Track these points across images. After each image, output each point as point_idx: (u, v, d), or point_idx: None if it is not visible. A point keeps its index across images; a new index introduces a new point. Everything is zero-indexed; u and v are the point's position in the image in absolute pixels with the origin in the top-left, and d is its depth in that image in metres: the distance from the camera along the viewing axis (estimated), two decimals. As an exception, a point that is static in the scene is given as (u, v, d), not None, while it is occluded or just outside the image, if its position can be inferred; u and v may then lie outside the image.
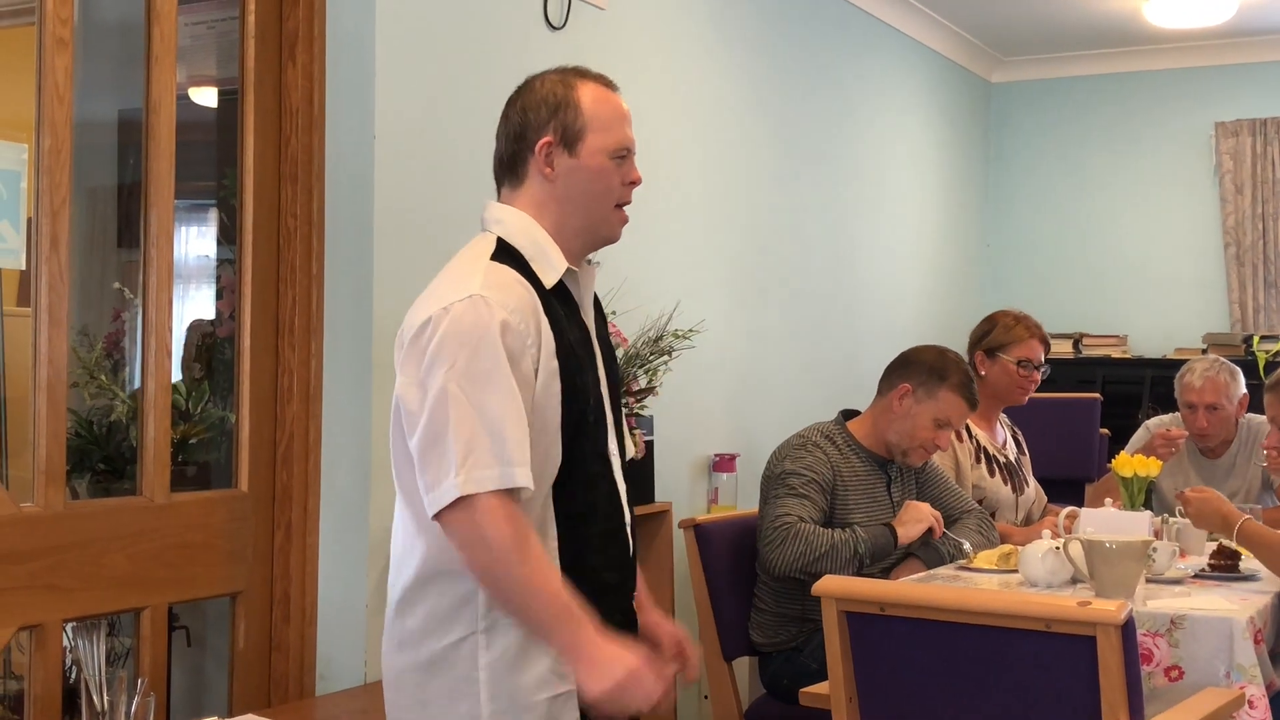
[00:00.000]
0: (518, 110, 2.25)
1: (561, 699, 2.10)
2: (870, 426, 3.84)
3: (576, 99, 2.21)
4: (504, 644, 2.09)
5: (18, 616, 2.82)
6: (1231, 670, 2.93)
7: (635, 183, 2.26)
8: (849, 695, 2.56)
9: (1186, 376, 4.70)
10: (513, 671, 2.09)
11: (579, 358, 2.17)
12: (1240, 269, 7.14)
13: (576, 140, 2.20)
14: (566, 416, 2.12)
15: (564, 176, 2.20)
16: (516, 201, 2.24)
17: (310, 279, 3.40)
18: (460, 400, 2.01)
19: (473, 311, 2.05)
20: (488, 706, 2.08)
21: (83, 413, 3.45)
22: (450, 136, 3.66)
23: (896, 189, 6.65)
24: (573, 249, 2.23)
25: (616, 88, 2.29)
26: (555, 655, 2.08)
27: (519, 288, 2.11)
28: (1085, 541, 3.14)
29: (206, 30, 3.76)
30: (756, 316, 5.35)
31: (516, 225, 2.20)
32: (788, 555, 3.56)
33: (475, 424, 2.00)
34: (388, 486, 3.42)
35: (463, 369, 2.02)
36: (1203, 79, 7.31)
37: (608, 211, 2.24)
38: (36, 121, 2.87)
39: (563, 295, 2.20)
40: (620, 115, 2.25)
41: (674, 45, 4.78)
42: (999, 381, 4.39)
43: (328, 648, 3.42)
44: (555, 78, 2.25)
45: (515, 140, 2.24)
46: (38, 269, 2.85)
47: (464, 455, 1.99)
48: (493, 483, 1.99)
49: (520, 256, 2.16)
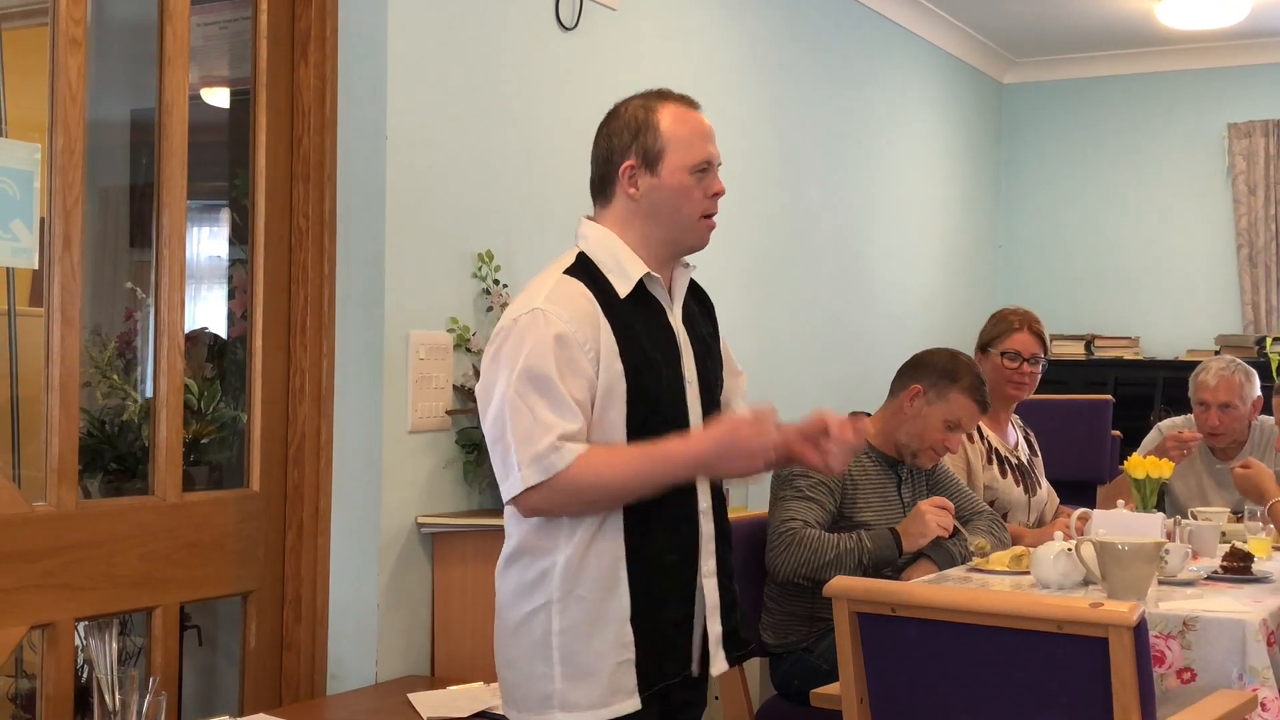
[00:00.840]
0: (604, 136, 2.44)
1: (624, 665, 2.33)
2: (881, 427, 3.83)
3: (656, 121, 2.40)
4: (575, 614, 2.32)
5: (30, 615, 2.83)
6: (1244, 672, 2.92)
7: (719, 194, 2.45)
8: (860, 696, 2.56)
9: (1201, 375, 4.69)
10: (582, 639, 2.32)
11: (653, 360, 2.36)
12: (1253, 270, 7.12)
13: (657, 160, 2.38)
14: (632, 416, 2.33)
15: (647, 194, 2.40)
16: (604, 219, 2.44)
17: (322, 279, 3.41)
18: (516, 403, 2.25)
19: (533, 325, 2.28)
20: (559, 668, 2.32)
21: (95, 412, 3.45)
22: (462, 136, 3.66)
23: (908, 190, 6.64)
24: (661, 258, 2.43)
25: (698, 106, 2.47)
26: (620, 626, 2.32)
27: (580, 300, 2.32)
28: (1097, 543, 3.13)
29: (219, 30, 3.77)
30: (768, 317, 5.35)
31: (597, 240, 2.41)
32: (792, 561, 3.56)
33: (530, 423, 2.24)
34: (399, 485, 3.43)
35: (519, 374, 2.26)
36: (1215, 80, 7.29)
37: (691, 223, 2.44)
38: (49, 121, 2.87)
39: (643, 300, 2.39)
40: (700, 132, 2.43)
41: (685, 46, 4.78)
42: (991, 377, 4.36)
43: (339, 647, 3.42)
44: (638, 102, 2.44)
45: (603, 164, 2.44)
46: (50, 268, 2.85)
47: (523, 451, 2.25)
48: (553, 468, 2.23)
49: (596, 270, 2.37)
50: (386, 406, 3.41)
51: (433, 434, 3.54)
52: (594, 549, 2.32)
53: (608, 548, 2.32)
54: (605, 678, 2.32)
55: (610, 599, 2.32)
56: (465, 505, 3.64)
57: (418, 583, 3.51)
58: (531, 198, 3.89)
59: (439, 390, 3.54)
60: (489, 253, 3.70)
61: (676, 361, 2.42)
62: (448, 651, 3.51)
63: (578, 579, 2.32)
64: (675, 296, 2.48)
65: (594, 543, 2.32)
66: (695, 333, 2.50)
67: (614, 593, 2.32)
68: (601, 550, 2.32)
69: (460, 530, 3.48)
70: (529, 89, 3.93)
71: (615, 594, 2.32)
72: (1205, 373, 4.68)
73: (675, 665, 2.40)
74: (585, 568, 2.32)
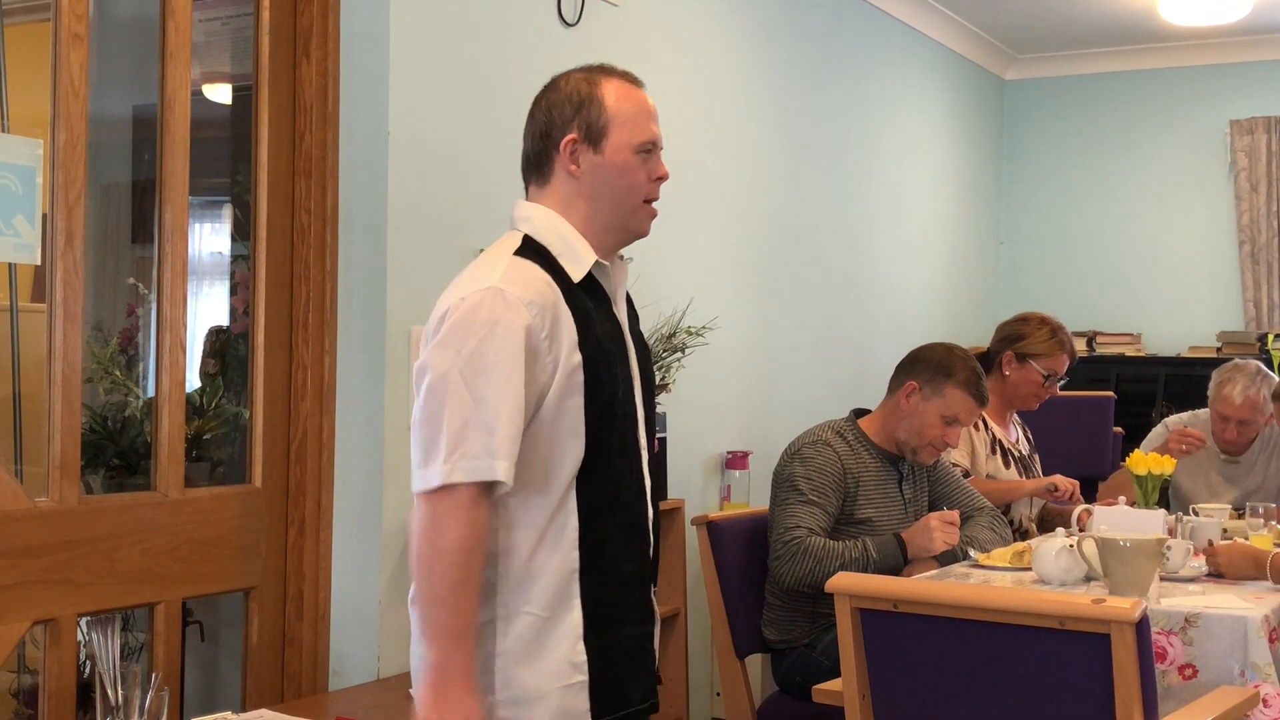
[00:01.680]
0: (543, 109, 2.27)
1: (575, 688, 2.13)
2: (880, 424, 3.84)
3: (600, 96, 2.23)
4: (518, 632, 2.12)
5: (32, 611, 2.83)
6: (1246, 669, 2.93)
7: (662, 178, 2.27)
8: (862, 692, 2.56)
9: (1227, 388, 4.63)
10: (526, 660, 2.12)
11: (607, 351, 2.19)
12: (1255, 267, 7.12)
13: (601, 137, 2.21)
14: (590, 408, 2.14)
15: (590, 173, 2.22)
16: (544, 199, 2.25)
17: (324, 275, 3.41)
18: (459, 387, 2.04)
19: (487, 302, 2.08)
20: (499, 694, 2.12)
21: (97, 408, 3.46)
22: (464, 132, 3.66)
23: (910, 186, 6.64)
24: (603, 244, 2.24)
25: (642, 84, 2.30)
26: (571, 645, 2.12)
27: (539, 282, 2.13)
28: (1099, 539, 3.13)
29: (221, 26, 3.77)
30: (770, 313, 5.35)
31: (544, 222, 2.22)
32: (797, 571, 3.57)
33: (470, 413, 2.03)
34: (401, 482, 3.43)
35: (467, 357, 2.05)
36: (1218, 76, 7.29)
37: (635, 206, 2.25)
38: (52, 117, 2.87)
39: (592, 289, 2.22)
40: (645, 111, 2.26)
41: (687, 42, 4.78)
42: (1020, 386, 4.39)
43: (341, 643, 3.42)
44: (579, 76, 2.27)
45: (541, 139, 2.26)
46: (53, 264, 2.85)
47: (454, 443, 2.03)
48: (473, 474, 2.02)
49: (547, 253, 2.19)
50: (388, 402, 3.41)
51: (435, 430, 3.53)
52: (543, 558, 2.12)
53: (559, 558, 2.13)
54: (553, 703, 2.12)
55: (560, 615, 2.12)
56: (467, 501, 3.63)
57: (420, 579, 3.50)
58: (533, 194, 3.89)
59: (441, 386, 3.53)
60: (491, 249, 3.70)
61: (625, 356, 2.25)
62: (450, 647, 3.51)
63: (524, 592, 2.12)
64: (618, 289, 2.29)
65: (544, 550, 2.12)
66: (634, 330, 2.33)
67: (565, 608, 2.12)
68: (552, 560, 2.12)
69: (462, 526, 3.47)
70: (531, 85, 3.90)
71: (566, 609, 2.12)
72: (1231, 386, 4.62)
73: (639, 691, 2.23)
74: (533, 578, 2.12)
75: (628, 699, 2.21)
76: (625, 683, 2.21)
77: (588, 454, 2.15)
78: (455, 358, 2.05)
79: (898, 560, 3.60)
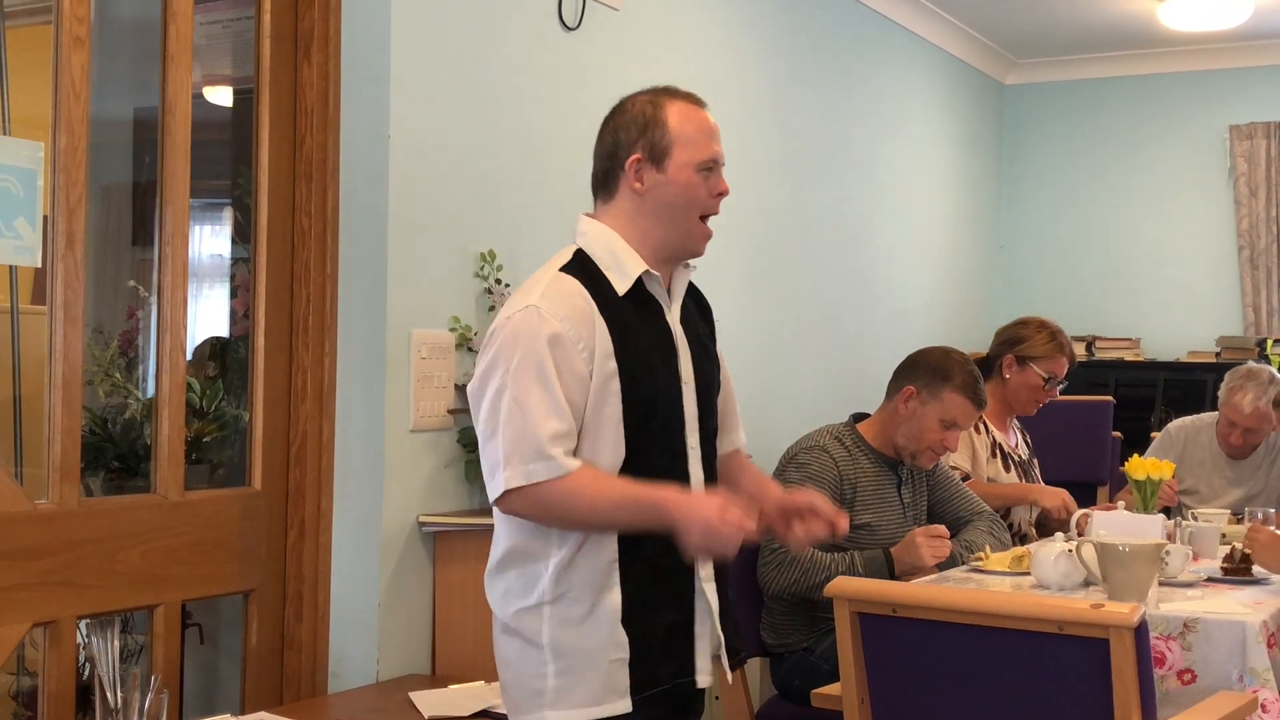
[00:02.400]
0: (610, 130, 2.42)
1: (618, 664, 2.30)
2: (879, 429, 3.84)
3: (664, 118, 2.37)
4: (566, 612, 2.30)
5: (32, 613, 2.83)
6: (1244, 674, 2.92)
7: (723, 194, 2.43)
8: (861, 697, 2.56)
9: (1238, 395, 4.65)
10: (574, 634, 2.30)
11: (648, 359, 2.33)
12: (1254, 272, 7.12)
13: (664, 156, 2.36)
14: (629, 414, 2.30)
15: (653, 191, 2.37)
16: (605, 215, 2.41)
17: (324, 278, 3.41)
18: (510, 402, 2.24)
19: (526, 322, 2.26)
20: (552, 664, 2.30)
21: (97, 410, 3.46)
22: (464, 135, 3.67)
23: (910, 191, 6.64)
24: (658, 258, 2.40)
25: (704, 104, 2.44)
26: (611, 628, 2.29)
27: (575, 298, 2.29)
28: (1098, 544, 3.13)
29: (222, 29, 3.78)
30: (770, 317, 5.35)
31: (596, 237, 2.38)
32: (783, 580, 3.58)
33: (521, 424, 2.22)
34: (401, 484, 3.44)
35: (513, 373, 2.24)
36: (1217, 82, 7.29)
37: (692, 224, 2.41)
38: (53, 119, 2.88)
39: (640, 299, 2.37)
40: (706, 130, 2.41)
41: (688, 46, 4.78)
42: (1020, 390, 4.39)
43: (340, 645, 3.43)
44: (645, 98, 2.41)
45: (607, 158, 2.41)
46: (53, 266, 2.86)
47: (510, 452, 2.23)
48: (531, 477, 2.21)
49: (593, 266, 2.35)
50: (388, 405, 3.41)
51: (434, 433, 3.54)
52: (586, 551, 2.29)
53: (601, 550, 2.30)
54: (601, 674, 2.29)
55: (602, 600, 2.30)
56: (467, 504, 3.64)
57: (419, 581, 3.51)
58: (534, 197, 3.90)
59: (441, 389, 3.54)
60: (491, 252, 3.70)
61: (673, 361, 2.39)
62: (449, 650, 3.52)
63: (569, 580, 2.29)
64: (674, 296, 2.45)
65: (586, 545, 2.29)
66: (693, 333, 2.47)
67: (606, 594, 2.30)
68: (594, 553, 2.29)
69: (462, 529, 3.48)
70: (532, 89, 3.93)
71: (607, 596, 2.30)
72: (1242, 395, 4.64)
73: (669, 672, 2.36)
74: (577, 569, 2.29)
75: (657, 679, 2.34)
76: (658, 665, 2.34)
77: (629, 454, 2.31)
78: (504, 376, 2.25)
79: (884, 575, 3.59)
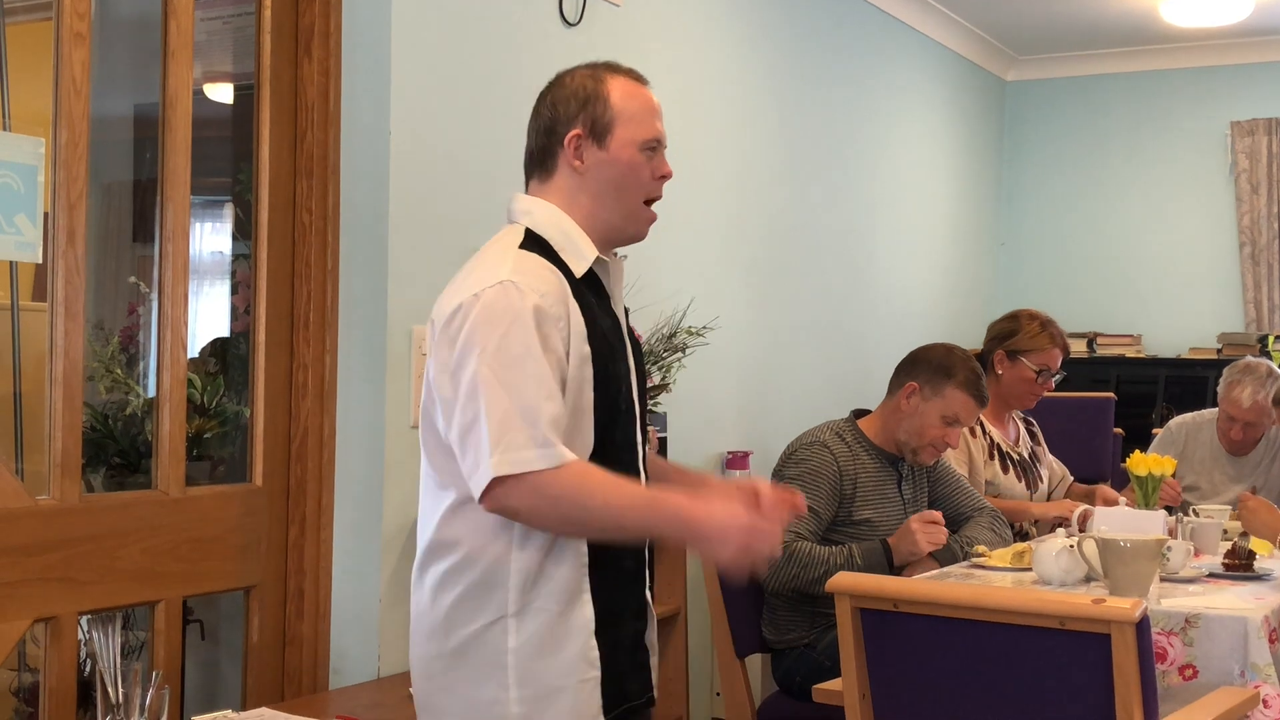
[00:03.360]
0: (548, 105, 2.27)
1: (589, 684, 2.13)
2: (880, 425, 3.84)
3: (606, 92, 2.23)
4: (534, 627, 2.10)
5: (33, 609, 2.83)
6: (1246, 669, 2.93)
7: (665, 176, 2.27)
8: (862, 692, 2.56)
9: (1236, 390, 4.65)
10: (541, 655, 2.10)
11: (611, 346, 2.19)
12: (1255, 268, 7.12)
13: (605, 133, 2.22)
14: (600, 402, 2.14)
15: (593, 169, 2.22)
16: (545, 194, 2.25)
17: (325, 274, 3.41)
18: (492, 384, 2.03)
19: (504, 296, 2.07)
20: (515, 691, 2.10)
21: (98, 406, 3.45)
22: (465, 131, 3.66)
23: (911, 187, 6.64)
24: (603, 241, 2.24)
25: (647, 82, 2.30)
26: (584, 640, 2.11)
27: (548, 273, 2.13)
28: (1099, 540, 3.13)
29: (222, 25, 3.77)
30: (770, 314, 5.35)
31: (545, 216, 2.22)
32: (781, 576, 3.58)
33: (508, 407, 2.02)
34: (401, 481, 3.43)
35: (494, 353, 2.04)
36: (1218, 78, 7.29)
37: (636, 206, 2.25)
38: (53, 115, 2.87)
39: (594, 285, 2.22)
40: (650, 108, 2.26)
41: (689, 42, 4.78)
42: (1013, 385, 4.38)
43: (341, 642, 3.42)
44: (585, 72, 2.27)
45: (545, 134, 2.26)
46: (54, 263, 2.86)
47: (497, 438, 2.01)
48: (519, 465, 2.00)
49: (549, 246, 2.18)
50: (389, 402, 3.41)
51: (435, 429, 3.54)
52: (554, 554, 2.11)
53: (569, 553, 2.11)
54: (570, 697, 2.10)
55: (573, 610, 2.11)
56: (468, 501, 3.64)
57: (420, 578, 3.50)
58: (534, 193, 3.89)
59: (442, 386, 3.53)
60: (492, 248, 3.70)
61: (625, 353, 2.24)
62: (450, 647, 3.51)
63: (536, 589, 2.10)
64: (614, 286, 2.28)
65: (554, 546, 2.11)
66: (628, 327, 2.33)
67: (577, 603, 2.11)
68: (563, 555, 2.11)
69: (463, 525, 3.47)
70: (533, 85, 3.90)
71: (578, 604, 2.12)
72: (1241, 389, 4.63)
73: (637, 686, 2.24)
74: (545, 576, 2.10)
75: (627, 694, 2.21)
76: (627, 678, 2.22)
77: (596, 448, 2.14)
78: (482, 356, 2.04)
79: (883, 567, 3.59)
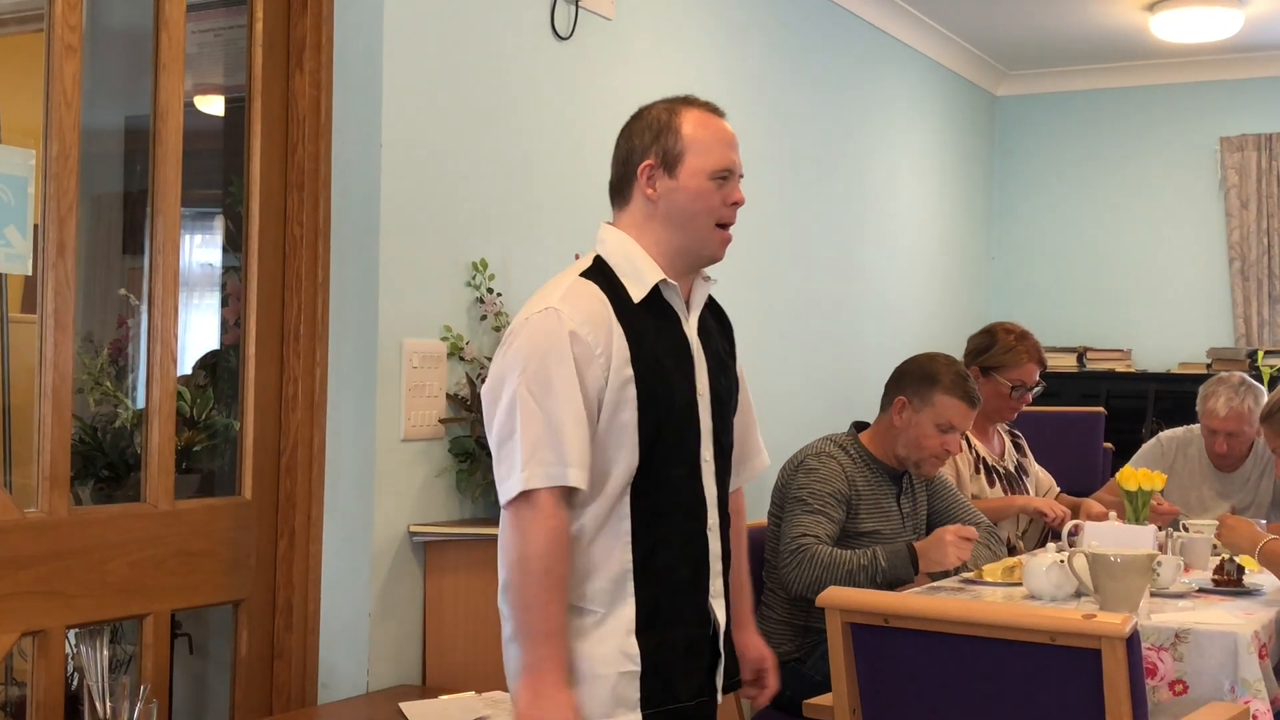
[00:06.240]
0: (625, 137, 2.41)
1: (627, 676, 2.27)
2: (879, 441, 3.84)
3: (678, 124, 2.36)
4: (577, 623, 2.26)
5: (21, 622, 2.82)
6: (1236, 684, 2.93)
7: (738, 203, 2.40)
8: (852, 707, 2.56)
9: (1210, 402, 4.63)
10: (582, 644, 2.26)
11: (664, 367, 2.31)
12: (1245, 284, 7.14)
13: (676, 162, 2.35)
14: (644, 422, 2.27)
15: (665, 197, 2.35)
16: (621, 222, 2.40)
17: (316, 287, 3.40)
18: (529, 403, 2.21)
19: (545, 324, 2.25)
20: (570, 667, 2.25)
21: (87, 419, 3.44)
22: (457, 144, 3.66)
23: (901, 201, 6.65)
24: (675, 266, 2.37)
25: (723, 114, 2.43)
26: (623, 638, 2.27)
27: (594, 302, 2.28)
28: (1090, 555, 3.13)
29: (214, 38, 3.77)
30: (761, 328, 5.35)
31: (614, 244, 2.37)
32: (805, 577, 3.55)
33: (541, 427, 2.20)
34: (392, 494, 3.43)
35: (533, 375, 2.22)
36: (1208, 93, 7.31)
37: (707, 231, 2.37)
38: (44, 127, 2.87)
39: (657, 308, 2.34)
40: (722, 139, 2.38)
41: (680, 56, 4.79)
42: (990, 400, 4.37)
43: (330, 656, 3.41)
44: (662, 105, 2.40)
45: (622, 164, 2.41)
46: (44, 274, 2.85)
47: (529, 454, 2.19)
48: (549, 480, 2.19)
49: (612, 273, 2.34)
50: (379, 415, 3.40)
51: (425, 443, 3.53)
52: (599, 558, 2.27)
53: (614, 559, 2.27)
54: (609, 685, 2.25)
55: (615, 611, 2.27)
56: (458, 514, 3.63)
57: (409, 591, 3.50)
58: (526, 206, 3.90)
59: (432, 399, 3.54)
60: (483, 261, 3.70)
61: (689, 372, 2.36)
62: (439, 660, 3.51)
63: (580, 588, 2.26)
64: (692, 308, 2.42)
65: (599, 552, 2.27)
66: (710, 348, 2.44)
67: (620, 605, 2.27)
68: (607, 561, 2.27)
69: (452, 539, 3.47)
70: (524, 98, 3.93)
71: (621, 606, 2.27)
72: (1215, 400, 4.62)
73: (689, 689, 2.33)
74: (588, 577, 2.26)
75: (676, 695, 2.31)
76: (676, 680, 2.31)
77: (643, 464, 2.28)
78: (523, 377, 2.22)
79: (908, 572, 3.58)
